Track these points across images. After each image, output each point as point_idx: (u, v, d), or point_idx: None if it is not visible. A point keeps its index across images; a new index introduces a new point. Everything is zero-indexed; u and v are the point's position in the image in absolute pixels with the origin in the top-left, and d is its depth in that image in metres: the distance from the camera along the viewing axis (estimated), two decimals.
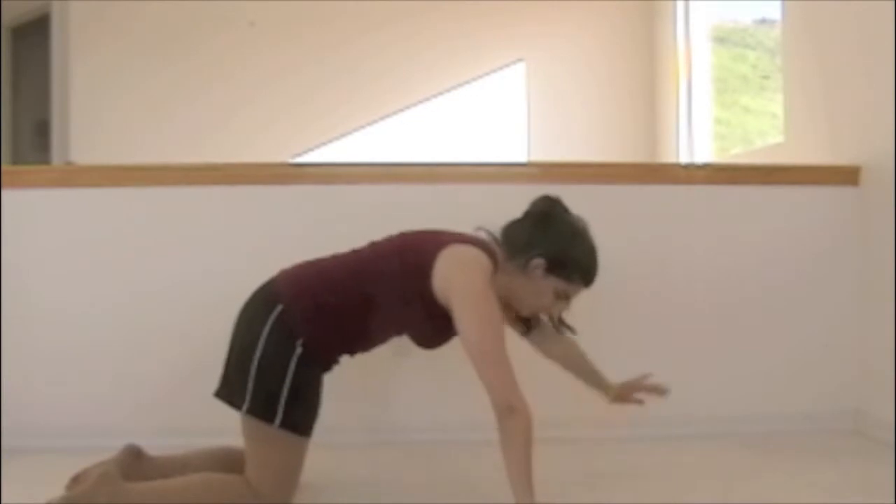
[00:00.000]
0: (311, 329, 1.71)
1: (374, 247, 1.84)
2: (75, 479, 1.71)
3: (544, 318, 1.97)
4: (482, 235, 1.84)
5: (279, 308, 1.71)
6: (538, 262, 1.74)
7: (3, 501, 1.81)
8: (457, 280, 1.68)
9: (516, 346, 1.97)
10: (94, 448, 1.88)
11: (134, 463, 1.78)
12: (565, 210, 1.83)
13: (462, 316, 1.64)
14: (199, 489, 1.67)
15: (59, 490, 1.68)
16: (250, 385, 1.68)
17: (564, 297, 1.81)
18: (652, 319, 2.49)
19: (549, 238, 1.76)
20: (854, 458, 2.24)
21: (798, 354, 2.53)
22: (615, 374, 2.48)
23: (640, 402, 2.04)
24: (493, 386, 1.60)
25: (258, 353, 1.68)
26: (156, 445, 1.87)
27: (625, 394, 2.04)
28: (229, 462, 1.80)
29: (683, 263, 2.53)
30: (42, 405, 2.38)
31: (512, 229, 1.82)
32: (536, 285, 1.77)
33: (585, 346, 2.35)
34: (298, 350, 1.69)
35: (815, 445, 2.34)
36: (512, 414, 1.57)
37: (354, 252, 1.84)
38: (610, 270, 1.92)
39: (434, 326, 1.76)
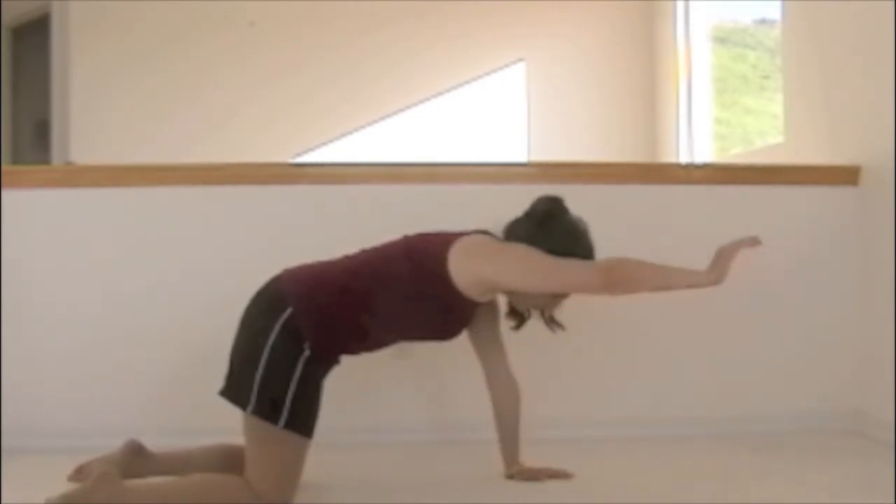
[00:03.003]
0: (319, 332, 1.72)
1: (378, 251, 1.85)
2: (79, 470, 1.72)
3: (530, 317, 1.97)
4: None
5: (288, 311, 1.71)
6: None
7: (3, 501, 1.81)
8: (483, 253, 1.75)
9: (521, 346, 1.98)
10: (94, 448, 1.88)
11: (135, 459, 1.79)
12: (566, 210, 1.85)
13: (508, 269, 1.72)
14: (198, 490, 1.67)
15: (58, 490, 1.68)
16: (256, 386, 1.68)
17: (562, 296, 1.84)
18: (651, 319, 2.49)
19: (551, 236, 1.79)
20: (854, 458, 2.24)
21: (798, 354, 2.53)
22: (613, 373, 2.49)
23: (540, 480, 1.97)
24: (581, 278, 1.71)
25: (266, 355, 1.69)
26: (156, 445, 1.87)
27: (528, 476, 1.96)
28: (232, 459, 1.80)
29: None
30: (42, 405, 2.37)
31: (514, 227, 1.85)
32: None
33: (584, 345, 2.36)
34: (306, 353, 1.70)
35: (815, 445, 2.34)
36: (611, 271, 1.68)
37: (358, 255, 1.86)
38: None
39: (447, 319, 1.81)
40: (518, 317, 1.93)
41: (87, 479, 1.64)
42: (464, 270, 1.73)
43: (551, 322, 1.92)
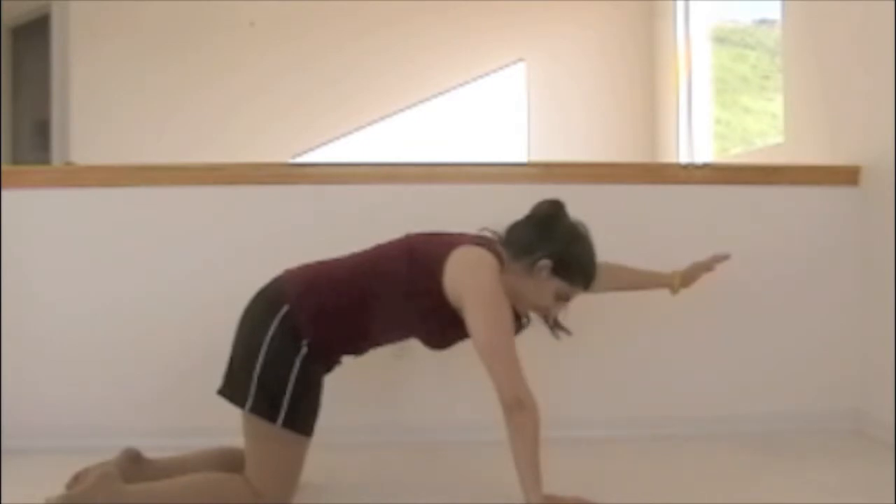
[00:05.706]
0: (316, 329, 1.72)
1: (379, 249, 1.85)
2: (76, 478, 1.72)
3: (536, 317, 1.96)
4: (487, 235, 1.87)
5: (285, 308, 1.72)
6: (544, 263, 1.77)
7: (3, 501, 1.81)
8: (469, 281, 1.72)
9: (521, 346, 1.97)
10: (94, 448, 1.88)
11: (132, 466, 1.78)
12: (566, 214, 1.85)
13: (474, 315, 1.70)
14: (198, 489, 1.67)
15: (59, 490, 1.68)
16: (254, 384, 1.69)
17: (564, 299, 1.84)
18: (651, 319, 2.49)
19: (554, 240, 1.79)
20: (854, 458, 2.24)
21: (798, 354, 2.53)
22: (613, 373, 2.49)
23: (709, 269, 2.19)
24: (503, 381, 1.66)
25: (263, 353, 1.69)
26: (156, 445, 1.88)
27: (691, 278, 2.17)
28: (228, 462, 1.80)
29: (683, 263, 2.51)
30: (42, 405, 2.37)
31: (516, 230, 1.85)
32: (540, 286, 1.80)
33: (584, 345, 2.36)
34: (304, 350, 1.71)
35: (815, 445, 2.34)
36: (521, 408, 1.64)
37: (359, 254, 1.86)
38: None
39: (442, 327, 1.79)
40: (516, 321, 1.93)
41: (85, 483, 1.64)
42: (450, 279, 1.73)
43: (556, 327, 1.91)
